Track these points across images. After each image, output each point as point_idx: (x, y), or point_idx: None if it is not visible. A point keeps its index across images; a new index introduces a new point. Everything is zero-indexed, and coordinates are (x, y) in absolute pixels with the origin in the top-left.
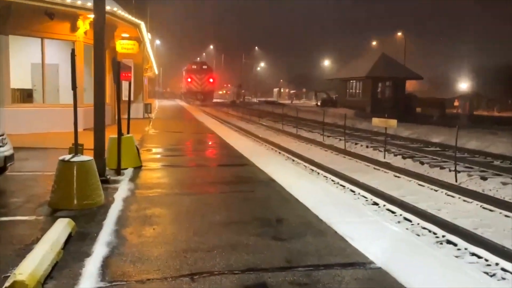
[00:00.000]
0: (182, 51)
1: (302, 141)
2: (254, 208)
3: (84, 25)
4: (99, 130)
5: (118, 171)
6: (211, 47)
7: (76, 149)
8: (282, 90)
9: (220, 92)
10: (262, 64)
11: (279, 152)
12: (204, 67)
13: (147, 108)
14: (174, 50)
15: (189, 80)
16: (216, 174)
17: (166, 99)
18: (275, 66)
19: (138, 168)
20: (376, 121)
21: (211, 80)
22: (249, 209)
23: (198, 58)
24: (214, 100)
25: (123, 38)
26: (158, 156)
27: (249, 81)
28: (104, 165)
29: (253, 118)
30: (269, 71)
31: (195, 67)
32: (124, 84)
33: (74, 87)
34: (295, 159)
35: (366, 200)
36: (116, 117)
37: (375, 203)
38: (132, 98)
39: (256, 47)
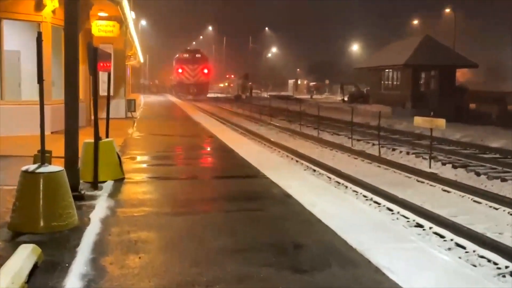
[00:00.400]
0: (175, 34)
1: (325, 146)
2: (266, 231)
3: (52, 2)
4: (71, 133)
5: (95, 185)
6: (210, 28)
7: (43, 157)
8: (299, 82)
9: (222, 85)
10: (274, 50)
11: (296, 161)
12: (198, 55)
13: (131, 105)
14: (164, 32)
15: (180, 71)
16: (217, 189)
17: (154, 94)
18: (290, 53)
19: (119, 181)
20: (418, 120)
21: (205, 71)
22: (259, 232)
23: (194, 43)
24: (213, 95)
25: (101, 18)
26: (145, 165)
27: (258, 71)
28: (78, 177)
29: (263, 117)
30: (283, 59)
31: (187, 55)
32: (102, 76)
33: (40, 80)
34: (317, 169)
35: (408, 221)
36: (92, 117)
37: (419, 225)
38: (111, 93)
39: (267, 28)
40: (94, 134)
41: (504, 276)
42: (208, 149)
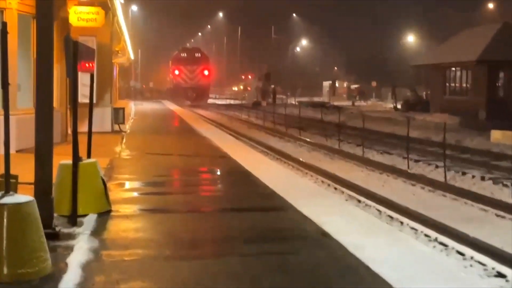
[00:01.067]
0: (175, 24)
1: (372, 168)
2: (298, 283)
3: None
4: (42, 152)
5: (74, 219)
6: (221, 15)
7: (7, 184)
8: (337, 85)
9: (235, 88)
10: (304, 43)
11: (335, 188)
12: (197, 55)
13: (118, 115)
14: (161, 21)
15: (176, 72)
16: (231, 225)
17: (148, 100)
18: (325, 46)
19: (105, 214)
20: (497, 135)
21: (206, 72)
22: (288, 285)
23: (200, 34)
24: (223, 102)
25: (81, 4)
26: (137, 194)
27: (283, 70)
28: (52, 210)
29: (290, 131)
30: (315, 54)
31: (185, 55)
32: (82, 78)
33: (5, 84)
34: (362, 199)
35: (485, 270)
36: (70, 131)
37: (500, 275)
38: (94, 100)
39: (294, 15)
40: (72, 153)
41: None
42: (219, 172)
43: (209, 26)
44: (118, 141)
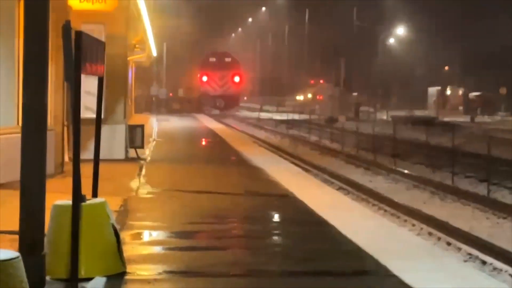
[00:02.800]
0: (215, 10)
1: (503, 215)
2: None
3: None
4: (31, 190)
5: (74, 285)
6: None
7: None
8: (448, 92)
9: (300, 98)
10: (401, 32)
11: (448, 243)
12: (227, 59)
13: (135, 136)
14: (197, 5)
15: (204, 79)
16: None
17: (176, 114)
18: (430, 37)
19: (117, 278)
20: None
21: (236, 79)
22: None
23: (250, 19)
24: (279, 116)
25: None
26: (160, 248)
27: (369, 72)
28: (42, 271)
29: (381, 159)
30: (416, 49)
31: (214, 60)
32: (86, 83)
33: None
34: (489, 259)
35: None
36: (68, 158)
37: None
38: (102, 115)
39: None
40: (72, 190)
41: None
42: (278, 219)
43: (264, 9)
44: (135, 173)
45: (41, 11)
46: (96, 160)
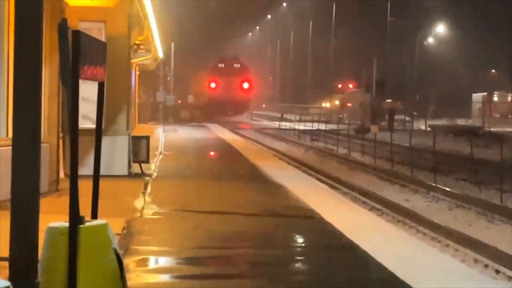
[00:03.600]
0: (230, 7)
1: None
2: None
3: None
4: (22, 210)
5: None
6: None
7: None
8: (495, 99)
9: (326, 105)
10: (441, 30)
11: (496, 271)
12: (236, 65)
13: (140, 149)
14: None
15: (213, 85)
16: None
17: (185, 124)
18: (475, 35)
19: None
20: None
21: (245, 85)
22: None
23: (269, 16)
24: (301, 126)
25: None
26: (169, 277)
27: (405, 75)
28: None
29: (418, 174)
30: (458, 49)
31: (223, 65)
32: (84, 89)
33: None
34: None
35: None
36: (63, 174)
37: None
38: (103, 125)
39: None
40: (69, 211)
41: None
42: (303, 242)
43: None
44: (139, 191)
45: (34, 8)
46: (96, 177)
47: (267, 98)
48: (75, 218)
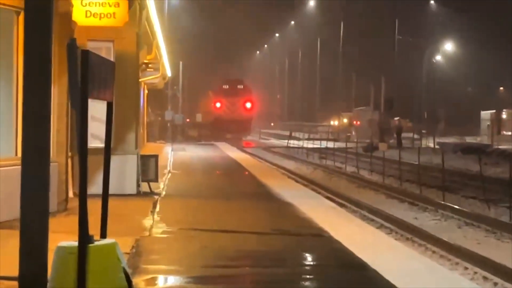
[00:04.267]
0: (239, 23)
1: None
2: None
3: None
4: (32, 229)
5: None
6: (312, 3)
7: None
8: (504, 116)
9: (334, 123)
10: (449, 48)
11: None
12: (240, 86)
13: (149, 168)
14: (218, 18)
15: (218, 105)
16: None
17: (193, 142)
18: (483, 53)
19: None
20: None
21: (248, 105)
22: None
23: (277, 35)
24: (310, 145)
25: None
26: None
27: (413, 92)
28: None
29: (427, 192)
30: (466, 66)
31: (227, 87)
32: (93, 108)
33: None
34: None
35: None
36: (72, 193)
37: None
38: (112, 144)
39: (432, 1)
40: (78, 230)
41: None
42: (312, 261)
43: (292, 22)
44: (148, 210)
45: (43, 28)
46: (105, 196)
47: (276, 116)
48: (84, 237)
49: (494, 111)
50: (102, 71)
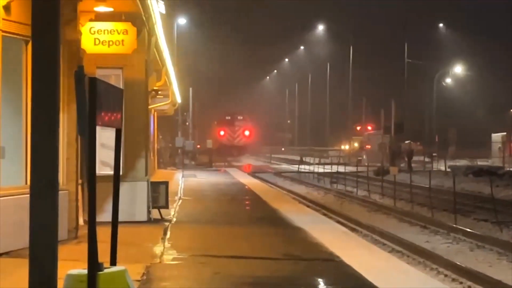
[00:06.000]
0: (249, 48)
1: None
2: None
3: None
4: (42, 257)
5: None
6: (321, 28)
7: None
8: None
9: (345, 147)
10: (458, 71)
11: None
12: (240, 117)
13: (159, 195)
14: (228, 42)
15: (222, 133)
16: None
17: (204, 169)
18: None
19: None
20: None
21: (246, 133)
22: None
23: (287, 60)
24: (321, 169)
25: (99, 18)
26: None
27: (424, 115)
28: None
29: (439, 215)
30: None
31: (229, 118)
32: (102, 135)
33: None
34: None
35: None
36: (82, 221)
37: None
38: (121, 171)
39: (441, 25)
40: (88, 258)
41: None
42: (321, 284)
43: (302, 47)
44: (159, 237)
45: (51, 56)
46: (115, 223)
47: (286, 142)
48: (94, 265)
49: (505, 133)
50: (110, 98)
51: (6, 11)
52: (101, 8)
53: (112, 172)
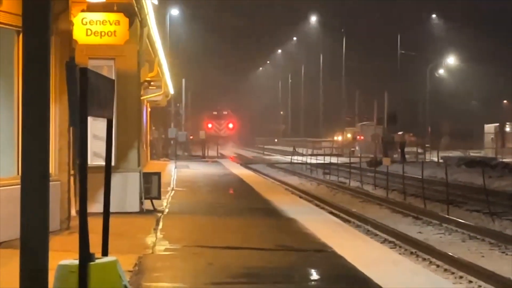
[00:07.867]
0: (243, 38)
1: None
2: None
3: None
4: (32, 249)
5: None
6: (314, 19)
7: None
8: (508, 129)
9: (338, 138)
10: (451, 62)
11: None
12: (225, 112)
13: (151, 185)
14: (222, 32)
15: (209, 126)
16: None
17: (197, 160)
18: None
19: None
20: None
21: (230, 125)
22: None
23: (280, 51)
24: (313, 160)
25: (91, 8)
26: None
27: (417, 107)
28: None
29: (432, 206)
30: (470, 79)
31: (216, 113)
32: (94, 126)
33: None
34: None
35: None
36: (74, 211)
37: None
38: (113, 162)
39: (434, 15)
40: (79, 249)
41: None
42: (313, 274)
43: (295, 38)
44: (151, 227)
45: (42, 47)
46: (106, 213)
47: (279, 133)
48: (85, 255)
49: (497, 124)
50: (102, 88)
51: None
52: None
53: (103, 163)
